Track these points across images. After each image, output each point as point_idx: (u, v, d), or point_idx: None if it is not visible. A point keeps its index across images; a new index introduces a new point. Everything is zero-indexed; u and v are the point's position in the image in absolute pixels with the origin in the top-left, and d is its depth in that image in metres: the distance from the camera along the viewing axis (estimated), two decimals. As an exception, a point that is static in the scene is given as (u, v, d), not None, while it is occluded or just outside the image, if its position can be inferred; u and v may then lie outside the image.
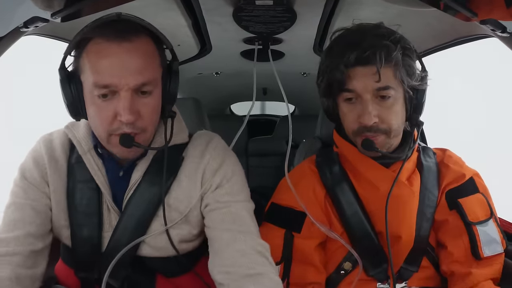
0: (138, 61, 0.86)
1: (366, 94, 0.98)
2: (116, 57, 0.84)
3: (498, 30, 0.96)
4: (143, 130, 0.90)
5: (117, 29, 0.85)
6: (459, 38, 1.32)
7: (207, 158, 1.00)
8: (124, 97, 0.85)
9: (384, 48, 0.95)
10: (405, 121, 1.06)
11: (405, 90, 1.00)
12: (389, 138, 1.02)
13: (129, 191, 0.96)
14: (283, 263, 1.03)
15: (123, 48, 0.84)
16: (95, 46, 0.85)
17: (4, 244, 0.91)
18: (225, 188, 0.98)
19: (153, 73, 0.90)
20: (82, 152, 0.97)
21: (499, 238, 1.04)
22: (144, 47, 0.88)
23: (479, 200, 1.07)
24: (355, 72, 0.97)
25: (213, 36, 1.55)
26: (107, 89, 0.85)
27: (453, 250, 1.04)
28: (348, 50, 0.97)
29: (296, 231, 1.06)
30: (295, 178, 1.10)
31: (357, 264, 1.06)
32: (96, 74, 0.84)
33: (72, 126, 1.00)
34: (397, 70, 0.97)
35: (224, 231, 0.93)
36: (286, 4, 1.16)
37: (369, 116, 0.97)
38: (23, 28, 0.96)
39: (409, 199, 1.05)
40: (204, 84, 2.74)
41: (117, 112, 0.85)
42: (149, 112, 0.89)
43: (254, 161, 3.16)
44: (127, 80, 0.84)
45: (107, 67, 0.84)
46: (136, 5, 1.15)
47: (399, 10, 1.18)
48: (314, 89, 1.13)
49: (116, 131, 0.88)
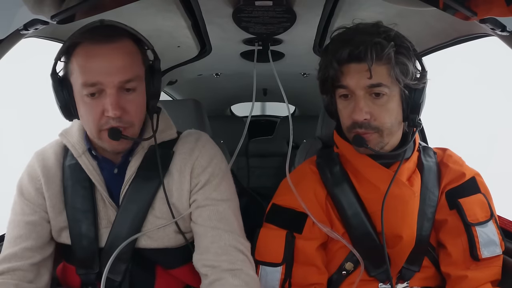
0: (122, 59, 0.93)
1: (358, 91, 0.98)
2: (102, 57, 0.91)
3: (497, 29, 0.96)
4: (130, 124, 0.96)
5: (102, 32, 0.93)
6: (459, 37, 1.32)
7: (196, 155, 1.05)
8: (110, 94, 0.91)
9: (376, 45, 0.95)
10: (403, 121, 1.04)
11: (401, 89, 0.99)
12: (381, 137, 1.01)
13: (124, 187, 1.02)
14: (284, 264, 1.03)
15: (107, 49, 0.92)
16: (82, 49, 0.92)
17: (7, 261, 0.98)
18: (213, 186, 1.03)
19: (136, 70, 0.96)
20: (77, 154, 1.03)
21: (498, 240, 1.04)
22: (127, 48, 0.95)
23: (479, 201, 1.07)
24: (348, 68, 0.98)
25: (213, 37, 1.55)
26: (94, 87, 0.91)
27: (452, 251, 1.04)
28: (341, 47, 0.98)
29: (297, 232, 1.06)
30: (296, 178, 1.10)
31: (358, 264, 1.06)
32: (83, 74, 0.91)
33: (66, 133, 1.07)
34: (391, 68, 0.96)
35: (210, 229, 0.99)
36: (285, 5, 1.16)
37: (360, 112, 0.97)
38: (23, 30, 0.96)
39: (410, 199, 1.05)
40: (204, 85, 2.74)
41: (105, 108, 0.92)
42: (134, 108, 0.96)
43: (255, 161, 3.16)
44: (112, 77, 0.91)
45: (94, 66, 0.91)
46: (136, 6, 1.15)
47: (398, 10, 1.18)
48: (314, 89, 1.13)
49: (104, 126, 0.94)
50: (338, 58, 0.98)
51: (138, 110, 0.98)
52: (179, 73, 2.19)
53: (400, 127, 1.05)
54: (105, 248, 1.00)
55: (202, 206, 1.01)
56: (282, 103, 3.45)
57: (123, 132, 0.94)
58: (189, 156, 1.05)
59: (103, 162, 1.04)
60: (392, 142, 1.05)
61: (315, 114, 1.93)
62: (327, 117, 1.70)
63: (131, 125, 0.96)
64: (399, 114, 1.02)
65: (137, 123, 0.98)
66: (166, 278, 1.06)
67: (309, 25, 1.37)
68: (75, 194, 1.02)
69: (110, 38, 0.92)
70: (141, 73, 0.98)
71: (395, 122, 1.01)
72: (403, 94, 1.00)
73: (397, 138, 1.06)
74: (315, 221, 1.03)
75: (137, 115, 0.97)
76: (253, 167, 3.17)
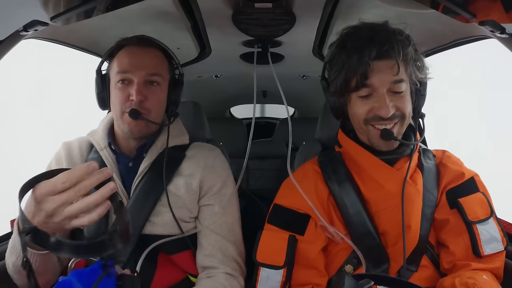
0: (150, 59, 1.17)
1: (382, 88, 1.00)
2: (136, 54, 1.16)
3: (497, 31, 0.96)
4: (148, 111, 1.14)
5: (142, 40, 1.19)
6: (458, 39, 1.32)
7: (210, 162, 1.24)
8: (136, 83, 1.13)
9: (400, 43, 0.99)
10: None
11: (412, 83, 1.04)
12: (402, 126, 1.05)
13: (137, 179, 1.17)
14: (286, 267, 1.03)
15: (142, 51, 1.17)
16: (124, 50, 1.17)
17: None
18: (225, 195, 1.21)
19: (161, 70, 1.18)
20: (99, 148, 1.22)
21: (500, 236, 1.04)
22: (157, 54, 1.20)
23: (479, 199, 1.07)
24: (373, 66, 0.98)
25: (212, 39, 1.55)
26: (126, 74, 1.13)
27: (455, 250, 1.05)
28: (367, 45, 0.98)
29: (299, 233, 1.06)
30: (298, 178, 1.09)
31: (358, 266, 1.06)
32: (120, 65, 1.15)
33: (92, 133, 1.27)
34: (407, 64, 1.01)
35: (214, 234, 1.17)
36: (285, 7, 1.16)
37: (387, 109, 0.99)
38: (22, 31, 0.97)
39: (415, 198, 1.06)
40: (204, 87, 2.74)
41: (130, 93, 1.13)
42: (155, 98, 1.16)
43: (254, 164, 3.15)
44: (140, 70, 1.13)
45: (128, 60, 1.15)
46: (136, 8, 1.16)
47: (398, 12, 1.18)
48: (314, 91, 1.13)
49: (127, 108, 1.13)
50: (368, 56, 0.97)
51: (158, 102, 1.17)
52: (178, 74, 2.19)
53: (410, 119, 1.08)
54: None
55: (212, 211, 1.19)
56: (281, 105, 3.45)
57: (141, 114, 1.12)
58: (203, 160, 1.23)
59: (120, 156, 1.21)
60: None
61: (315, 116, 1.93)
62: (326, 119, 1.70)
63: (148, 111, 1.14)
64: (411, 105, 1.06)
65: (155, 111, 1.16)
66: (167, 267, 1.15)
67: (308, 27, 1.37)
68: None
69: (146, 44, 1.18)
70: (165, 75, 1.20)
71: (411, 112, 1.06)
72: (413, 88, 1.05)
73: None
74: (321, 218, 1.03)
75: (156, 105, 1.16)
76: (252, 169, 3.16)
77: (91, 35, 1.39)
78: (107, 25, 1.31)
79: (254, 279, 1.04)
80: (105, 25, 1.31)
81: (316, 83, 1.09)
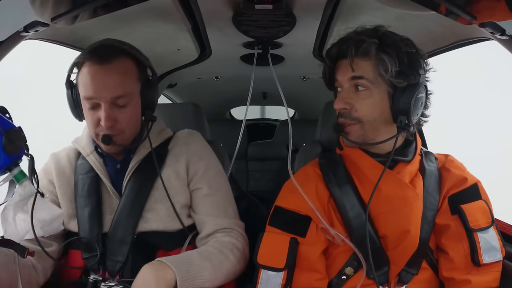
0: (116, 78, 1.09)
1: (345, 83, 1.05)
2: (97, 76, 1.09)
3: (497, 33, 0.96)
4: (121, 132, 1.13)
5: (101, 53, 1.10)
6: (459, 41, 1.32)
7: (193, 147, 1.24)
8: (104, 108, 1.09)
9: (359, 43, 1.01)
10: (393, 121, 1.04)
11: (388, 88, 1.02)
12: (363, 129, 1.04)
13: (126, 178, 1.19)
14: (286, 270, 1.02)
15: (103, 69, 1.09)
16: (85, 68, 1.11)
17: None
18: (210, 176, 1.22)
19: (129, 88, 1.12)
20: (85, 154, 1.22)
21: (499, 246, 1.04)
22: (122, 67, 1.11)
23: (481, 207, 1.07)
24: (337, 64, 1.08)
25: (213, 41, 1.55)
26: (91, 101, 1.10)
27: (454, 256, 1.04)
28: (333, 47, 1.09)
29: (301, 235, 1.05)
30: (299, 180, 1.09)
31: (359, 269, 1.05)
32: (84, 90, 1.10)
33: (77, 140, 1.28)
34: (375, 64, 1.01)
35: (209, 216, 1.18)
36: (285, 9, 1.17)
37: (338, 102, 1.06)
38: (23, 32, 0.97)
39: (414, 202, 1.05)
40: (204, 89, 2.74)
41: (100, 119, 1.10)
42: (125, 119, 1.13)
43: (254, 165, 3.15)
44: (105, 94, 1.08)
45: (91, 84, 1.08)
46: (136, 10, 1.15)
47: (398, 14, 1.19)
48: (314, 93, 1.14)
49: (100, 132, 1.12)
50: (329, 56, 1.10)
51: (130, 121, 1.14)
52: (178, 76, 2.19)
53: (387, 125, 1.05)
54: (108, 233, 1.14)
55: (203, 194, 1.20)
56: (281, 106, 3.46)
57: (114, 139, 1.11)
58: (186, 147, 1.24)
59: (108, 159, 1.22)
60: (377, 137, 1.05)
61: (315, 118, 1.93)
62: (326, 121, 1.70)
63: (121, 132, 1.13)
64: (386, 112, 1.04)
65: (128, 131, 1.15)
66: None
67: (309, 29, 1.38)
68: (84, 186, 1.19)
69: (107, 58, 1.09)
70: (134, 90, 1.14)
71: (379, 118, 1.04)
72: (390, 91, 1.02)
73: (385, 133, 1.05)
74: (322, 220, 1.03)
75: (128, 125, 1.14)
76: (252, 170, 3.16)
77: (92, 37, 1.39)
78: (108, 26, 1.31)
79: (255, 281, 1.04)
80: (106, 27, 1.31)
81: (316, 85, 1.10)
